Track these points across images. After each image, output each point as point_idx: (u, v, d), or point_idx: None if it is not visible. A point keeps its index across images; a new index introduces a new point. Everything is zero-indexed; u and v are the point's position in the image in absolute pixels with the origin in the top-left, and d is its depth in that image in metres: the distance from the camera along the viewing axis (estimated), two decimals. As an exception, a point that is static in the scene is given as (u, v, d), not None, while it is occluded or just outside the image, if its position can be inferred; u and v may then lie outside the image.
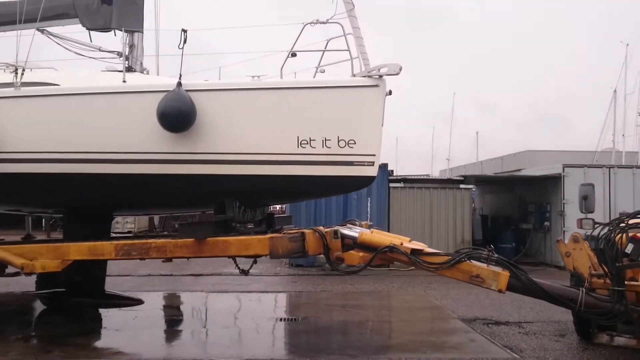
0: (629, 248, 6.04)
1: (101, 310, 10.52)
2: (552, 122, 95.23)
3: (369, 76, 7.45)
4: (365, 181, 7.68)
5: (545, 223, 17.98)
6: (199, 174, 7.89)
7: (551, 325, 8.46)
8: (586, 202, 8.01)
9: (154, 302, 12.13)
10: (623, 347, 6.69)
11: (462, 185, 18.65)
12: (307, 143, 7.50)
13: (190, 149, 7.77)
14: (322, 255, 7.60)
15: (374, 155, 7.53)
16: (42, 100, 8.44)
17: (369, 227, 12.19)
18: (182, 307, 11.97)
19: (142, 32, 9.99)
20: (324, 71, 7.79)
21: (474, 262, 6.75)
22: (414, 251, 6.91)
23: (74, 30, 9.98)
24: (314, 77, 7.75)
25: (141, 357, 7.44)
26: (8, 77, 8.51)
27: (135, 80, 8.78)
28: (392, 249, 6.95)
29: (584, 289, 6.27)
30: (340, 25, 7.49)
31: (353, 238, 7.38)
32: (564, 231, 16.71)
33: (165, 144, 7.78)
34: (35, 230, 13.00)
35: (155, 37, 9.97)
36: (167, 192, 8.40)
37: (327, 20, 7.56)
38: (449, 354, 7.83)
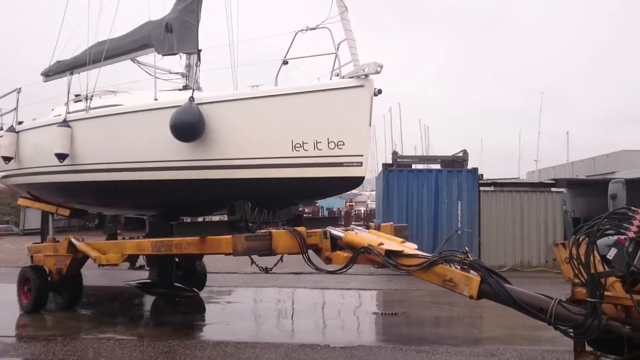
0: (612, 253, 4.49)
1: (214, 303, 11.02)
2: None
3: (356, 77, 6.66)
4: (355, 182, 6.93)
5: None
6: (213, 179, 7.75)
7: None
8: (614, 201, 6.32)
9: (265, 297, 12.37)
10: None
11: (553, 189, 16.74)
12: (301, 146, 6.99)
13: (202, 156, 7.64)
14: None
15: (362, 155, 6.78)
16: (99, 120, 8.90)
17: (464, 230, 10.76)
18: (288, 301, 12.03)
19: (197, 54, 10.14)
20: (338, 75, 7.16)
21: (449, 265, 5.61)
22: (389, 252, 6.00)
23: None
24: (330, 79, 7.15)
25: (267, 341, 7.83)
26: (104, 101, 9.40)
27: (176, 96, 8.86)
28: (368, 249, 6.10)
29: (556, 299, 4.84)
30: (329, 30, 6.85)
31: (340, 238, 6.61)
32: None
33: (185, 153, 7.71)
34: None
35: (231, 52, 10.21)
36: (191, 197, 8.33)
37: (317, 26, 6.98)
38: (544, 346, 7.39)
